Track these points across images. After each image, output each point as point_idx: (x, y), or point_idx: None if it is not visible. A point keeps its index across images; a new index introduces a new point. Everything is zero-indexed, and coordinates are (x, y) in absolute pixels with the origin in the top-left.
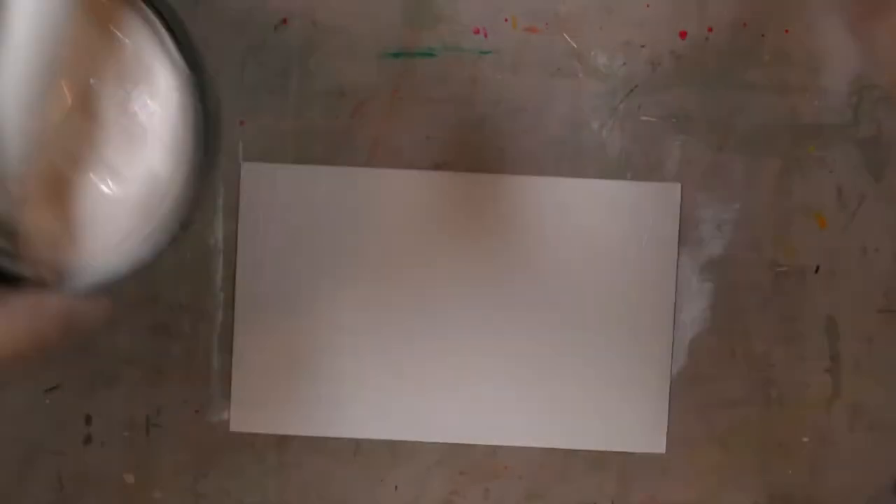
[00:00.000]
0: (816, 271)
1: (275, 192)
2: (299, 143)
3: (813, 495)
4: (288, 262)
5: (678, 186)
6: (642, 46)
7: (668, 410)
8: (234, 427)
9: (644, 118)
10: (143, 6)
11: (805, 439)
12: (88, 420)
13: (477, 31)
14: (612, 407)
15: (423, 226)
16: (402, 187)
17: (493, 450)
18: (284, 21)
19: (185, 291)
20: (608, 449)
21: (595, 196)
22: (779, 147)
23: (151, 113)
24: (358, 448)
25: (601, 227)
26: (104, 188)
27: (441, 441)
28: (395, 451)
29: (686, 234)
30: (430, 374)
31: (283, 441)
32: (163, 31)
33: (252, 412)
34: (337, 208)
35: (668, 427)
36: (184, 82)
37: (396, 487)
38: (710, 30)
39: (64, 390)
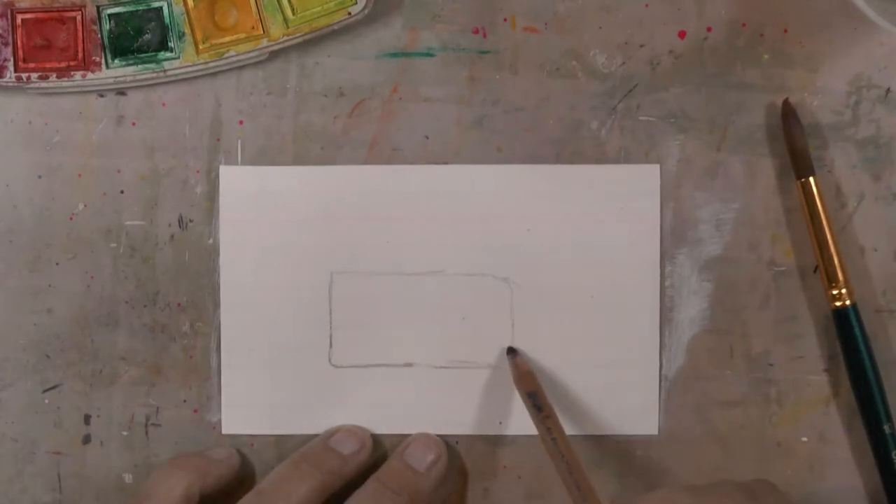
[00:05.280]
0: (815, 271)
1: (254, 193)
2: (298, 142)
3: (812, 495)
4: (275, 262)
5: (657, 168)
6: (641, 46)
7: (661, 395)
8: (227, 429)
9: (643, 118)
10: None
11: (804, 439)
12: (87, 420)
13: (476, 31)
14: (602, 390)
15: (412, 220)
16: (382, 182)
17: (493, 449)
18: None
19: (185, 291)
20: (601, 433)
21: (578, 180)
22: (778, 147)
23: None
24: None
25: (585, 211)
26: None
27: (436, 433)
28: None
29: (685, 233)
30: (425, 367)
31: (280, 440)
32: None
33: (244, 413)
34: (322, 207)
35: (662, 415)
36: None
37: None
38: (709, 29)
39: (63, 390)
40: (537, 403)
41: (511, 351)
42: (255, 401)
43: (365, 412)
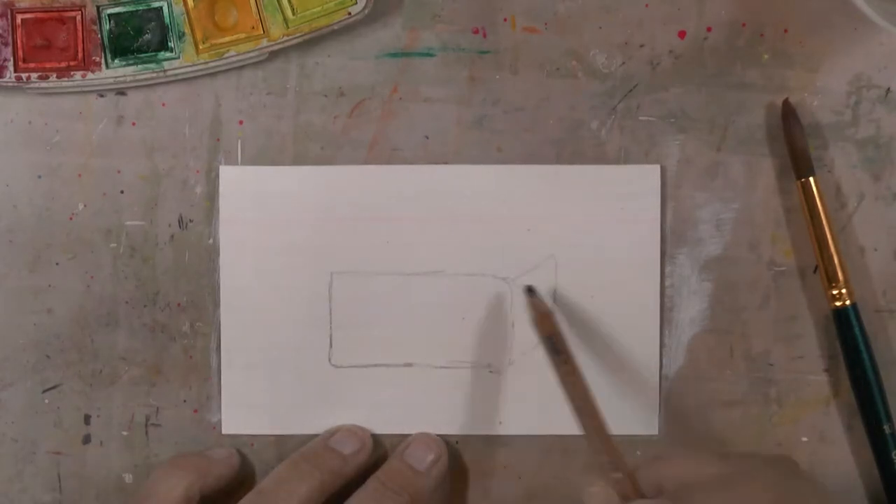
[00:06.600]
0: (815, 271)
1: (254, 193)
2: (298, 142)
3: None
4: (275, 262)
5: (657, 168)
6: (641, 46)
7: (661, 395)
8: (227, 429)
9: (643, 118)
10: None
11: (804, 439)
12: (87, 420)
13: (476, 31)
14: (602, 390)
15: (412, 220)
16: (382, 182)
17: (493, 449)
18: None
19: (185, 291)
20: None
21: (578, 180)
22: (778, 147)
23: None
24: None
25: (585, 211)
26: None
27: (436, 433)
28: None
29: (685, 233)
30: (425, 367)
31: (280, 440)
32: None
33: (244, 413)
34: (322, 207)
35: (662, 415)
36: None
37: None
38: (709, 29)
39: (63, 390)
40: (555, 346)
41: (529, 290)
42: (255, 401)
43: (365, 412)
